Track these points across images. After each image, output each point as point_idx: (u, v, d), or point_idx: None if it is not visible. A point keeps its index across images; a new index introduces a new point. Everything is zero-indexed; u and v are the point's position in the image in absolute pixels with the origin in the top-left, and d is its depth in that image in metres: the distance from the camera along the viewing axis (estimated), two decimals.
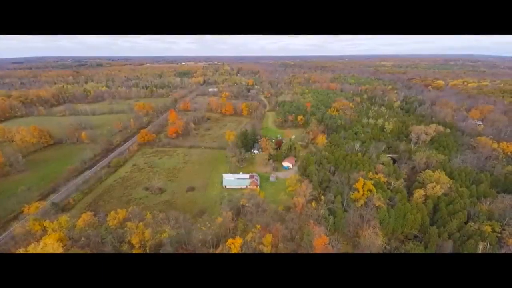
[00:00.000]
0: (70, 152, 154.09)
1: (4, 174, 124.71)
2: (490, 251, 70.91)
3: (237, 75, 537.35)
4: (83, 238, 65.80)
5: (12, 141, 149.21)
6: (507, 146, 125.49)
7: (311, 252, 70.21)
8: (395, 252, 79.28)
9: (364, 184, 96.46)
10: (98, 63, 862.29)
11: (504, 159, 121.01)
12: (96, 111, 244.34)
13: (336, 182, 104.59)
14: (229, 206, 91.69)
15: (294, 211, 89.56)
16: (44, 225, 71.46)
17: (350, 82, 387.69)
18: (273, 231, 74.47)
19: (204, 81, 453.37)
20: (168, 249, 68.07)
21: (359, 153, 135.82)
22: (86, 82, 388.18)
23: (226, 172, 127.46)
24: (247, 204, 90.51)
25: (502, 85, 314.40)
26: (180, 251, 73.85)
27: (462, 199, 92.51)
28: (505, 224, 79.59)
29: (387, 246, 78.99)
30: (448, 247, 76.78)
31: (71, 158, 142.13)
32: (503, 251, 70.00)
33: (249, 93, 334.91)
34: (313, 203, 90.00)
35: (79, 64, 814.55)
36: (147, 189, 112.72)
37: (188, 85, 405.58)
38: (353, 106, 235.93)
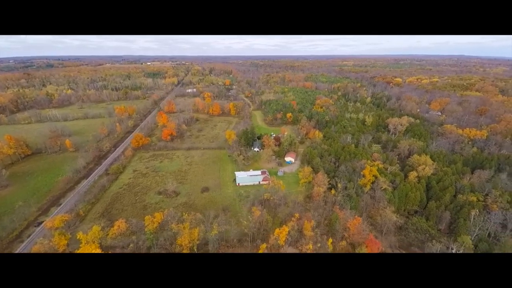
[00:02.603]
0: (54, 162, 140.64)
1: None
2: (481, 217, 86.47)
3: (210, 75, 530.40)
4: (131, 245, 63.71)
5: None
6: (470, 132, 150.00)
7: (345, 235, 78.12)
8: (405, 225, 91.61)
9: (370, 170, 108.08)
10: (48, 64, 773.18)
11: (469, 143, 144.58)
12: (68, 117, 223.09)
13: (343, 171, 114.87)
14: (253, 201, 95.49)
15: (314, 200, 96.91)
16: (78, 237, 67.00)
17: (322, 80, 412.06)
18: (306, 219, 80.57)
19: (178, 82, 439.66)
20: (215, 246, 69.62)
21: (353, 145, 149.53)
22: (44, 85, 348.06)
23: (234, 171, 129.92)
24: (271, 198, 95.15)
25: (450, 80, 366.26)
26: (221, 248, 75.76)
27: (448, 176, 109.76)
28: (486, 194, 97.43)
29: (400, 221, 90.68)
30: (446, 217, 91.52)
31: (59, 168, 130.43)
32: (491, 216, 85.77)
33: (230, 93, 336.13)
34: (333, 191, 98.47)
35: (25, 66, 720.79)
36: (160, 193, 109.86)
37: (162, 86, 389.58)
38: (333, 103, 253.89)
